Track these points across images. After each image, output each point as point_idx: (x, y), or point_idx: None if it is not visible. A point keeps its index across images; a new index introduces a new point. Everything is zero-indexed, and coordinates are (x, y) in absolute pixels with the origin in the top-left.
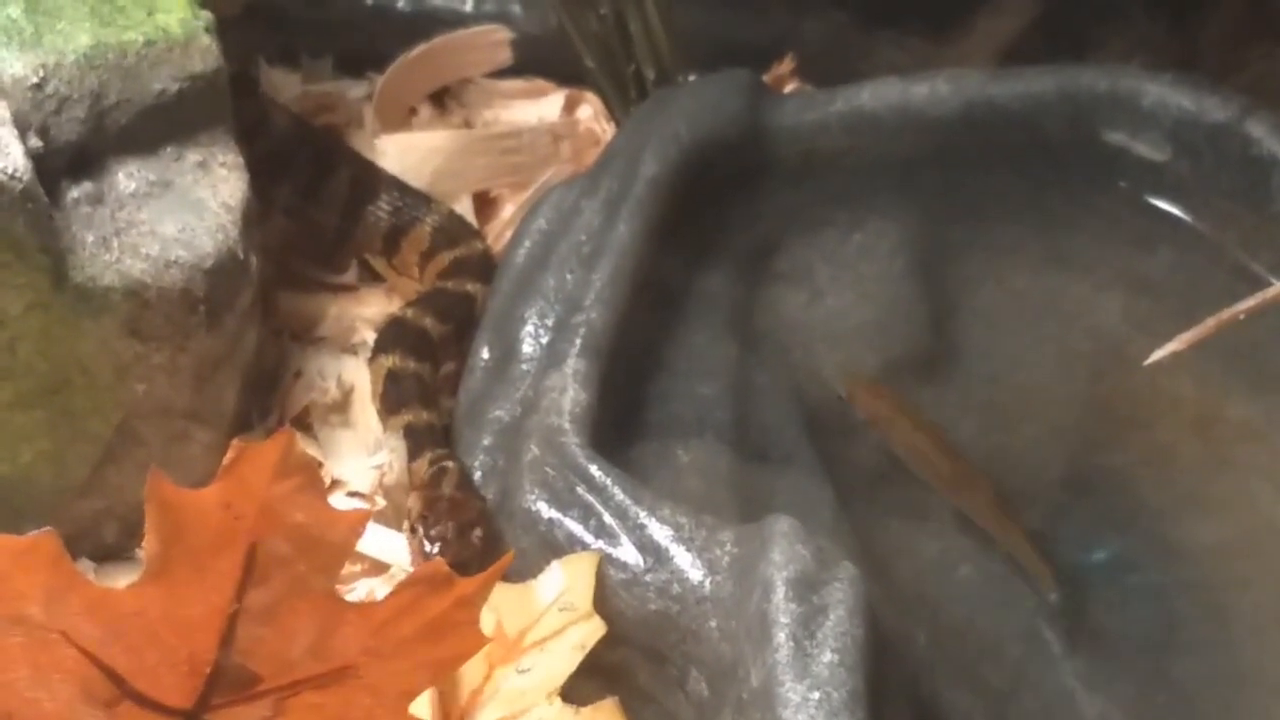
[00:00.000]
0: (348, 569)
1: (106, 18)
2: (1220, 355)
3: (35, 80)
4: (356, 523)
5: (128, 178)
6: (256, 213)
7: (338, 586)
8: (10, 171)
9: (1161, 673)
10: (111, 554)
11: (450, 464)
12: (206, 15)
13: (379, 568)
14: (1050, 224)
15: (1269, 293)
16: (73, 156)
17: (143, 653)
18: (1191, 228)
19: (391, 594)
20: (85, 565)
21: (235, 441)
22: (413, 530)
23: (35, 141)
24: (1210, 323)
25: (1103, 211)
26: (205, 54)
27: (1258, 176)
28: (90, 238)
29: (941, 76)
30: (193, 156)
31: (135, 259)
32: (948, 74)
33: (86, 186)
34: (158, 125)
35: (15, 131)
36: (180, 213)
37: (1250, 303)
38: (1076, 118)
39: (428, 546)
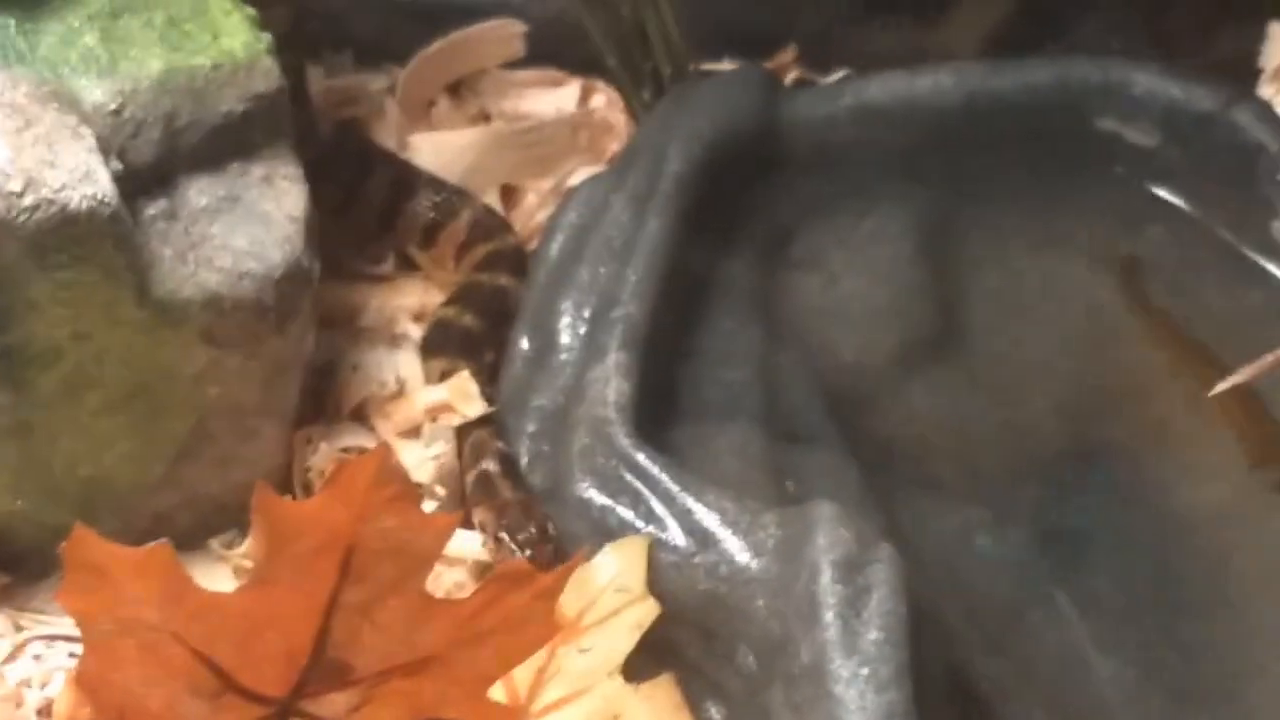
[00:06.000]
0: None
1: (175, 43)
2: (1210, 329)
3: (114, 106)
4: (446, 527)
5: (199, 194)
6: (316, 221)
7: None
8: (100, 198)
9: (1168, 634)
10: (185, 544)
11: (492, 466)
12: (267, 37)
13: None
14: (1048, 207)
15: None
16: (148, 177)
17: (246, 649)
18: (1181, 210)
19: (477, 590)
20: None
21: (337, 455)
22: (497, 541)
23: (116, 164)
24: (1269, 358)
25: (1098, 195)
26: (267, 75)
27: (1244, 162)
28: (168, 253)
29: (944, 69)
30: (257, 171)
31: (211, 271)
32: (950, 66)
33: (162, 204)
34: (225, 143)
35: (101, 158)
36: (249, 226)
37: None
38: (1071, 106)
39: (517, 552)
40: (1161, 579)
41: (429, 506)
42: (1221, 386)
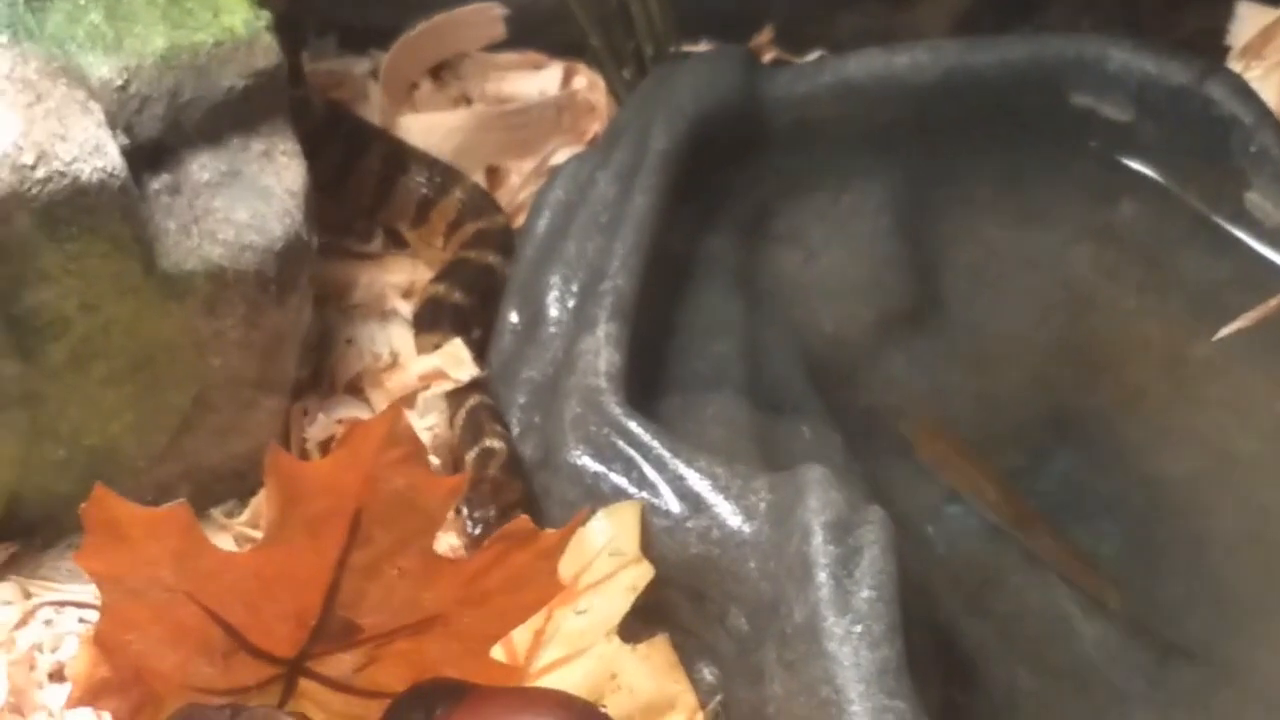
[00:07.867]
0: None
1: (178, 21)
2: (1183, 298)
3: (120, 82)
4: (453, 488)
5: (201, 169)
6: (314, 195)
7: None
8: (109, 170)
9: (1148, 596)
10: None
11: (498, 445)
12: (266, 14)
13: None
14: (1023, 182)
15: None
16: (153, 151)
17: (257, 609)
18: (1156, 183)
19: (482, 549)
20: None
21: (349, 418)
22: (457, 511)
23: (122, 139)
24: (1272, 303)
25: (1072, 169)
26: (267, 51)
27: (1218, 135)
28: (173, 226)
29: (922, 47)
30: (257, 146)
31: (214, 244)
32: (927, 44)
33: (165, 178)
34: (226, 119)
35: (110, 132)
36: (250, 199)
37: None
38: (1047, 82)
39: (470, 528)
40: (1140, 542)
41: None
42: (1225, 331)
